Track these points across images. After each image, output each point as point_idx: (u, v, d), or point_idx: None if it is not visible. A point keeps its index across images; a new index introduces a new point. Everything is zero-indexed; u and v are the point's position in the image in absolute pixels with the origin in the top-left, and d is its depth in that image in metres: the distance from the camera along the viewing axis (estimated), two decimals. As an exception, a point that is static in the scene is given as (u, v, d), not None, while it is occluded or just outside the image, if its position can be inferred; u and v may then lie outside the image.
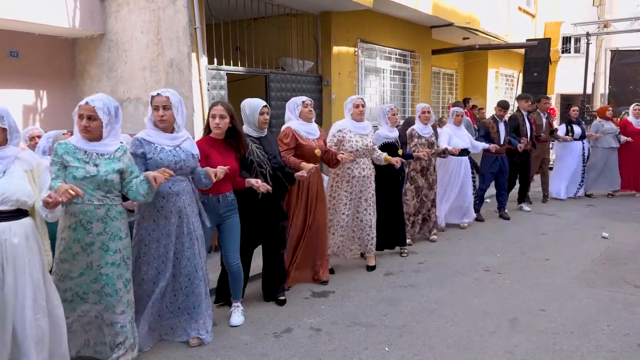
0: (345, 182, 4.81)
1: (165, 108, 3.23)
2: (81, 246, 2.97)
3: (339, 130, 4.82)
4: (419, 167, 5.80)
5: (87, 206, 2.93)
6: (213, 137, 3.63)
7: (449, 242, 6.04)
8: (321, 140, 4.52)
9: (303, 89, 7.89)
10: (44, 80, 7.14)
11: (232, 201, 3.71)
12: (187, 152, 3.34)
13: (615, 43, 16.81)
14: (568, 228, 6.68)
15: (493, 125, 6.94)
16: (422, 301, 4.23)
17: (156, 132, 3.28)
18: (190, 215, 3.38)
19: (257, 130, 3.96)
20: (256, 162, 3.86)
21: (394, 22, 9.49)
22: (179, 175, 3.28)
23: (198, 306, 3.46)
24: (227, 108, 3.58)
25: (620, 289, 4.45)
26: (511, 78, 14.84)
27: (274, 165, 3.95)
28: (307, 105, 4.44)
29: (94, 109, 2.90)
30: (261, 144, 3.94)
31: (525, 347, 3.41)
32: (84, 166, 2.91)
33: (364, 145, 4.80)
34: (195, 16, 6.07)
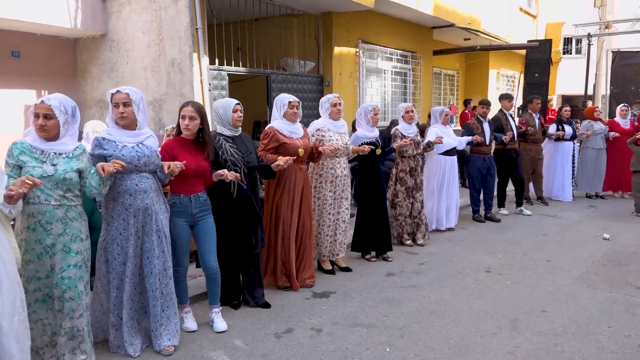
0: (329, 182, 4.76)
1: (126, 105, 3.17)
2: (43, 247, 2.93)
3: (317, 129, 4.76)
4: (407, 167, 5.77)
5: (45, 206, 2.89)
6: (184, 138, 3.58)
7: (450, 243, 6.04)
8: (306, 139, 4.47)
9: (304, 89, 7.90)
10: (46, 80, 7.15)
11: (204, 201, 3.64)
12: (151, 149, 3.30)
13: (617, 44, 16.81)
14: (569, 229, 6.67)
15: (477, 125, 6.94)
16: (423, 302, 4.23)
17: (117, 130, 3.23)
18: (158, 213, 3.33)
19: (231, 129, 3.92)
20: (230, 160, 3.84)
21: (395, 23, 9.49)
22: (144, 172, 3.26)
23: (167, 308, 3.39)
24: (197, 109, 3.52)
25: (622, 291, 4.44)
26: (512, 79, 14.84)
27: (247, 164, 3.92)
28: (292, 107, 4.36)
29: (51, 107, 2.89)
30: (235, 142, 3.91)
31: (526, 348, 3.41)
32: (41, 165, 2.87)
33: (344, 143, 4.78)
34: (197, 16, 6.09)
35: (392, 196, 5.85)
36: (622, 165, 8.48)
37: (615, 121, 8.75)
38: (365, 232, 5.25)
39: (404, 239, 5.88)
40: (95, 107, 7.31)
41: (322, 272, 4.90)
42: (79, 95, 7.45)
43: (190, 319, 3.74)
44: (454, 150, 6.49)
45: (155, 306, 3.34)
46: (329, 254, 4.94)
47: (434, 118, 6.51)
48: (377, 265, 5.18)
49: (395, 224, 5.87)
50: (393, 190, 5.85)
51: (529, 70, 11.68)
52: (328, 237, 4.86)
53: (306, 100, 7.61)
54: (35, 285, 2.97)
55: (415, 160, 5.82)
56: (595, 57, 16.03)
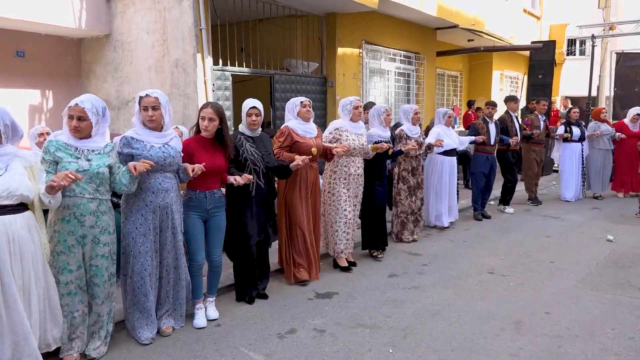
0: (342, 179, 4.90)
1: (155, 108, 3.32)
2: (75, 238, 3.09)
3: (336, 128, 4.91)
4: (409, 167, 5.94)
5: (80, 199, 3.06)
6: (202, 137, 3.71)
7: (453, 244, 6.03)
8: (319, 139, 4.61)
9: (307, 90, 7.90)
10: (50, 80, 7.17)
11: (219, 198, 3.80)
12: (176, 150, 3.47)
13: (621, 45, 16.78)
14: (573, 231, 6.66)
15: (483, 125, 7.03)
16: (426, 303, 4.23)
17: (145, 130, 3.38)
18: (175, 212, 3.50)
19: (248, 129, 4.07)
20: (250, 160, 3.98)
21: (398, 24, 9.49)
22: (167, 172, 3.42)
23: (175, 295, 3.63)
24: (216, 110, 3.64)
25: (626, 292, 4.43)
26: (516, 80, 14.82)
27: (266, 164, 4.08)
28: (305, 106, 4.53)
29: (84, 110, 3.03)
30: (255, 142, 4.06)
31: (529, 350, 3.40)
32: (76, 161, 3.05)
33: (360, 144, 4.92)
34: (201, 17, 6.10)
35: (394, 194, 6.00)
36: (628, 167, 8.51)
37: (625, 123, 8.73)
38: (367, 229, 5.41)
39: (404, 236, 6.02)
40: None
41: (339, 269, 5.01)
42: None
43: (201, 315, 3.82)
44: (454, 151, 6.59)
45: (166, 293, 3.59)
46: (346, 251, 5.04)
47: (437, 119, 6.62)
48: (380, 266, 5.18)
49: (396, 222, 6.02)
50: (395, 188, 5.99)
51: (532, 71, 11.67)
52: (345, 233, 4.97)
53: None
54: (67, 278, 3.12)
55: (417, 160, 5.99)
56: (599, 58, 15.97)
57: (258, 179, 4.00)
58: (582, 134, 8.40)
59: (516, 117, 7.53)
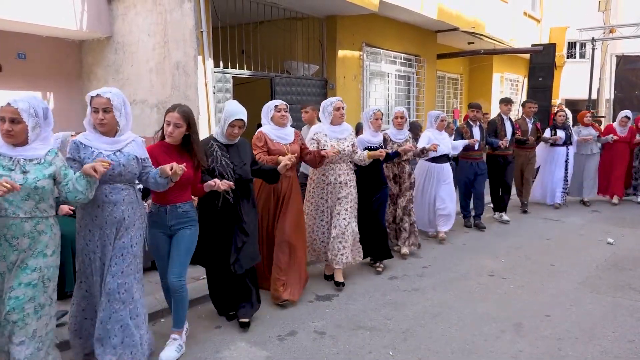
0: (319, 188, 4.62)
1: (106, 111, 2.89)
2: (7, 265, 2.64)
3: (315, 133, 4.62)
4: (391, 174, 5.48)
5: (12, 219, 2.58)
6: (167, 143, 3.31)
7: (453, 247, 6.03)
8: (296, 144, 4.28)
9: (308, 92, 7.92)
10: (51, 82, 7.19)
11: (184, 213, 3.32)
12: (129, 157, 2.99)
13: (621, 48, 16.79)
14: (573, 233, 6.66)
15: (467, 130, 6.66)
16: (427, 305, 4.23)
17: (95, 135, 2.96)
18: (130, 228, 3.01)
19: (225, 138, 3.68)
20: (218, 170, 3.59)
21: (399, 26, 9.51)
22: (117, 183, 2.96)
23: (130, 341, 3.00)
24: (183, 115, 3.23)
25: (626, 295, 4.43)
26: (516, 83, 14.83)
27: (237, 176, 3.64)
28: (279, 110, 4.26)
29: (18, 110, 2.57)
30: (228, 151, 3.67)
31: (529, 352, 3.40)
32: (9, 174, 2.56)
33: (341, 150, 4.54)
34: (202, 19, 6.11)
35: None
36: (617, 171, 8.35)
37: (613, 127, 8.52)
38: (363, 238, 4.94)
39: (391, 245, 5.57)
40: (100, 109, 7.33)
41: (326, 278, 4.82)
42: (84, 97, 7.45)
43: (169, 349, 3.29)
44: (446, 157, 6.17)
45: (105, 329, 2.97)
46: (328, 261, 4.71)
47: (429, 122, 6.21)
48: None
49: None
50: None
51: (532, 74, 11.69)
52: (324, 244, 4.68)
53: (310, 103, 7.61)
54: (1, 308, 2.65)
55: (399, 166, 5.48)
56: (599, 61, 15.99)
57: (226, 192, 3.56)
58: (567, 137, 8.12)
59: (509, 120, 7.21)
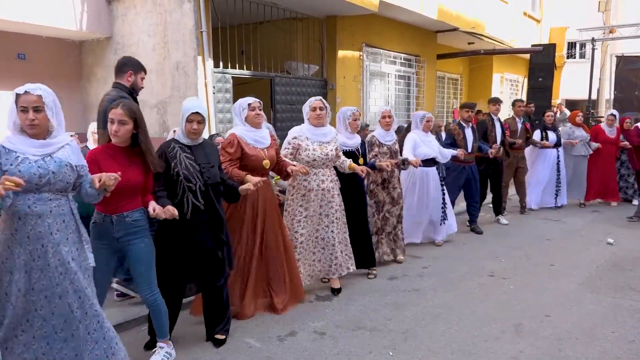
0: (300, 195, 4.23)
1: (37, 110, 2.53)
2: None
3: (294, 137, 4.23)
4: (379, 179, 5.11)
5: None
6: (114, 145, 2.98)
7: (454, 247, 6.03)
8: (272, 149, 3.94)
9: (308, 92, 7.92)
10: (51, 83, 7.06)
11: (133, 223, 2.97)
12: (61, 163, 2.60)
13: (621, 49, 16.81)
14: (573, 234, 6.66)
15: (459, 131, 6.29)
16: (427, 306, 4.23)
17: (21, 137, 2.58)
18: (61, 244, 2.62)
19: (186, 137, 3.33)
20: (183, 174, 3.22)
21: (399, 27, 9.52)
22: (45, 193, 2.57)
23: (81, 353, 2.70)
24: (129, 111, 2.92)
25: (626, 296, 4.43)
26: (516, 83, 14.85)
27: (206, 180, 3.29)
28: (254, 108, 3.81)
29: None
30: (192, 153, 3.31)
31: (530, 353, 3.40)
32: None
33: (323, 154, 4.19)
34: (202, 20, 6.12)
35: None
36: (605, 174, 8.21)
37: (601, 128, 8.31)
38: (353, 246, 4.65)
39: (377, 255, 5.21)
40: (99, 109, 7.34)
41: None
42: (84, 98, 7.49)
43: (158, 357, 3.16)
44: (433, 160, 5.76)
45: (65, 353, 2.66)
46: (311, 274, 4.43)
47: (414, 123, 5.78)
48: (379, 268, 5.16)
49: None
50: None
51: (532, 74, 11.69)
52: (298, 259, 4.27)
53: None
54: None
55: (390, 171, 5.08)
56: (599, 61, 16.02)
57: (195, 198, 3.25)
58: (557, 139, 7.91)
59: (499, 120, 6.95)
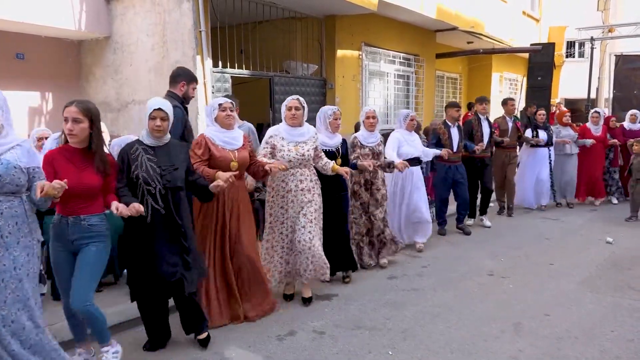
0: (280, 197, 4.12)
1: None
2: None
3: (270, 136, 4.11)
4: (362, 180, 4.99)
5: None
6: (70, 146, 2.90)
7: (453, 247, 6.03)
8: (245, 150, 3.80)
9: (307, 92, 7.92)
10: (50, 82, 7.18)
11: (89, 227, 2.88)
12: (8, 165, 2.53)
13: (620, 48, 16.81)
14: (572, 233, 6.66)
15: (444, 131, 6.18)
16: (426, 305, 4.23)
17: None
18: (13, 247, 2.55)
19: (150, 137, 3.20)
20: (142, 177, 3.09)
21: (398, 26, 9.51)
22: None
23: None
24: (83, 109, 2.84)
25: (625, 295, 4.43)
26: (515, 82, 14.85)
27: (165, 183, 3.14)
28: (225, 109, 3.70)
29: None
30: (156, 154, 3.18)
31: (529, 352, 3.40)
32: None
33: (299, 154, 4.06)
34: (201, 19, 6.10)
35: (350, 213, 5.02)
36: (591, 173, 8.15)
37: (587, 127, 8.20)
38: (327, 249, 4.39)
39: (364, 261, 5.11)
40: (99, 108, 7.32)
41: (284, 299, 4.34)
42: (83, 97, 7.45)
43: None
44: (417, 160, 5.68)
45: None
46: (286, 280, 4.31)
47: (398, 122, 5.69)
48: (379, 268, 5.17)
49: (352, 245, 5.02)
50: (351, 206, 5.02)
51: (531, 73, 11.69)
52: (274, 259, 4.20)
53: (309, 103, 7.58)
54: None
55: (372, 172, 4.99)
56: (599, 60, 16.01)
57: (155, 202, 3.11)
58: (549, 138, 7.81)
59: (487, 120, 6.87)
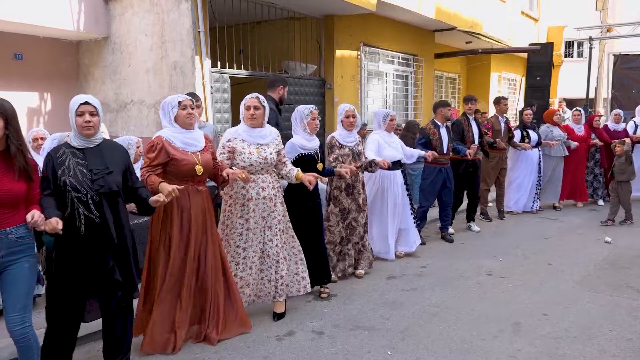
0: (239, 205, 3.73)
1: None
2: None
3: (228, 139, 3.74)
4: (342, 184, 4.65)
5: None
6: None
7: (452, 246, 6.03)
8: (207, 153, 3.48)
9: (306, 92, 7.92)
10: (48, 83, 7.18)
11: (17, 240, 2.59)
12: None
13: (618, 47, 16.85)
14: (571, 232, 6.67)
15: (434, 131, 5.85)
16: (425, 305, 4.23)
17: None
18: None
19: (79, 137, 2.83)
20: (70, 183, 2.73)
21: (396, 26, 9.51)
22: None
23: None
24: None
25: (623, 294, 4.44)
26: (514, 82, 14.86)
27: (98, 189, 2.79)
28: (185, 107, 3.36)
29: None
30: (86, 158, 2.81)
31: (527, 352, 3.41)
32: None
33: (261, 158, 3.71)
34: (199, 19, 6.10)
35: (324, 218, 4.68)
36: (576, 174, 7.99)
37: (570, 127, 8.04)
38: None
39: (336, 270, 4.78)
40: (97, 109, 7.32)
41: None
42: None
43: None
44: (399, 163, 5.37)
45: None
46: (254, 298, 3.94)
47: (377, 123, 5.35)
48: (378, 267, 5.17)
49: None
50: (326, 212, 4.71)
51: (530, 73, 11.71)
52: (242, 278, 3.82)
53: (307, 102, 7.59)
54: None
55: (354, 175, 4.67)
56: (597, 60, 16.05)
57: (87, 210, 2.76)
58: (539, 138, 7.62)
59: (476, 120, 6.62)
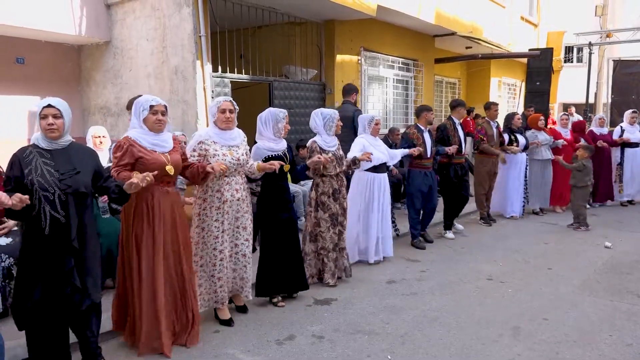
0: (214, 208, 3.74)
1: None
2: None
3: (199, 142, 3.71)
4: (330, 189, 4.60)
5: None
6: None
7: (451, 251, 6.04)
8: (176, 153, 3.47)
9: (306, 97, 7.95)
10: (50, 87, 7.20)
11: None
12: None
13: (618, 53, 16.90)
14: (571, 237, 6.67)
15: (418, 135, 5.87)
16: (425, 309, 4.23)
17: None
18: None
19: (45, 139, 2.88)
20: (37, 182, 2.77)
21: (397, 31, 9.55)
22: None
23: None
24: None
25: (623, 299, 4.44)
26: (514, 87, 14.90)
27: (65, 188, 2.83)
28: (156, 112, 3.35)
29: None
30: (53, 158, 2.87)
31: (527, 356, 3.40)
32: None
33: (235, 159, 3.73)
34: (200, 24, 6.13)
35: (312, 226, 4.65)
36: (564, 178, 7.81)
37: (557, 130, 8.10)
38: (271, 270, 4.21)
39: (324, 278, 4.74)
40: (98, 113, 7.36)
41: (218, 321, 3.94)
42: (83, 102, 7.50)
43: None
44: (384, 166, 5.39)
45: None
46: (222, 299, 3.89)
47: (362, 127, 5.35)
48: (378, 272, 5.18)
49: (314, 261, 4.73)
50: (314, 218, 4.64)
51: (530, 78, 11.74)
52: (220, 278, 3.82)
53: (308, 107, 7.64)
54: None
55: (339, 179, 4.69)
56: (597, 65, 16.10)
57: (54, 209, 2.79)
58: (527, 142, 7.55)
59: (460, 125, 6.52)
